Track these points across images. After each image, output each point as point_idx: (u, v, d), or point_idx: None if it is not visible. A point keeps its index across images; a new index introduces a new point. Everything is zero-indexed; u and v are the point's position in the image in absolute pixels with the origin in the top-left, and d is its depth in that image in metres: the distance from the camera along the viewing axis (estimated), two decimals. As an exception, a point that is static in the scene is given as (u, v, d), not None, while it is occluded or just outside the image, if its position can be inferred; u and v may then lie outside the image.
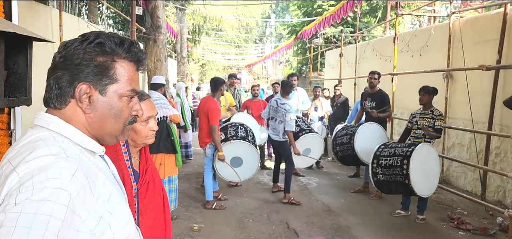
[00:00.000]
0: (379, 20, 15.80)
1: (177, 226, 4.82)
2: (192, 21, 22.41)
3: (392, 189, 5.14)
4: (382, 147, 5.26)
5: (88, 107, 0.96)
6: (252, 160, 5.70)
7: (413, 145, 4.91)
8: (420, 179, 4.81)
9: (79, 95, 0.95)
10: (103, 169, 1.01)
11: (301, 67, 23.92)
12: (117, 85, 0.98)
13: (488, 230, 4.80)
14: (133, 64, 1.02)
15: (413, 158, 4.71)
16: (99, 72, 0.95)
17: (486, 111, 5.89)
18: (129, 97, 1.02)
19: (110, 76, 0.97)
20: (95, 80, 0.95)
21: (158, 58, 10.16)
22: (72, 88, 0.95)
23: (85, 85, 0.94)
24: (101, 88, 0.96)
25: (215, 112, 5.25)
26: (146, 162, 1.81)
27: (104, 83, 0.96)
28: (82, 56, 0.94)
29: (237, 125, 6.00)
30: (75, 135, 0.95)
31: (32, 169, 0.81)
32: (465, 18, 6.90)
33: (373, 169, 5.16)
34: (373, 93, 6.29)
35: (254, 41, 39.54)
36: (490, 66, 5.14)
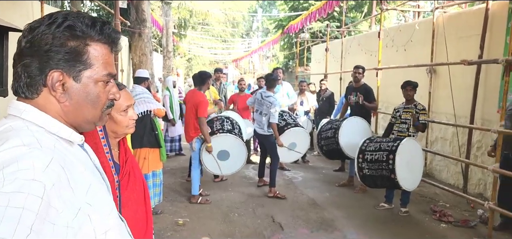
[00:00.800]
0: (365, 15, 15.90)
1: (162, 221, 4.79)
2: (178, 15, 22.23)
3: (378, 183, 5.18)
4: (368, 141, 5.28)
5: (62, 96, 0.91)
6: (238, 153, 5.68)
7: (398, 140, 4.95)
8: (406, 173, 4.86)
9: (52, 83, 0.89)
10: (82, 159, 0.96)
11: (288, 62, 23.96)
12: (92, 70, 0.92)
13: (469, 222, 4.89)
14: (107, 46, 0.96)
15: (398, 153, 4.75)
16: (71, 58, 0.89)
17: (468, 105, 5.99)
18: (105, 82, 0.96)
19: (84, 61, 0.91)
20: (67, 67, 0.89)
21: (143, 52, 10.06)
22: (43, 76, 0.88)
23: (57, 73, 0.88)
24: (74, 75, 0.90)
25: (203, 105, 5.25)
26: (126, 153, 1.78)
27: (77, 70, 0.90)
28: (51, 41, 0.87)
29: (223, 118, 5.97)
30: (50, 123, 0.90)
31: (3, 160, 0.76)
32: (448, 14, 6.98)
33: (359, 164, 5.18)
34: (357, 88, 6.33)
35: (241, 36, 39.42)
36: (472, 61, 5.22)
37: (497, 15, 5.77)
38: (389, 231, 4.69)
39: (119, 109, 1.73)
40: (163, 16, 17.16)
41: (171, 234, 4.47)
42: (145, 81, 5.33)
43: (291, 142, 6.39)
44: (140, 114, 4.80)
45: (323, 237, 4.48)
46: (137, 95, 4.93)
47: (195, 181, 5.52)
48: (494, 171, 4.48)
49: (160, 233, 4.44)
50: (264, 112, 5.87)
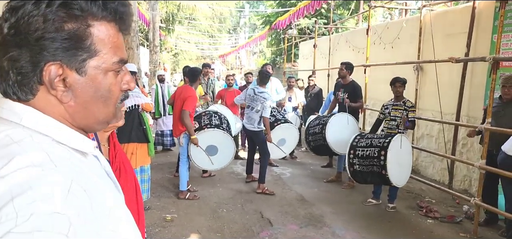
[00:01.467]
0: (352, 12, 15.98)
1: (149, 217, 4.74)
2: (165, 9, 22.01)
3: (368, 180, 5.20)
4: (359, 137, 5.30)
5: (64, 95, 0.72)
6: (227, 148, 5.65)
7: (390, 136, 4.97)
8: (396, 170, 4.90)
9: (50, 80, 0.70)
10: (96, 171, 0.77)
11: (275, 58, 23.95)
12: (99, 58, 0.73)
13: (455, 218, 4.96)
14: (113, 25, 0.76)
15: (390, 149, 4.79)
16: (71, 45, 0.70)
17: (454, 102, 6.07)
18: (116, 71, 0.77)
19: (87, 48, 0.72)
20: (67, 57, 0.70)
21: (130, 46, 9.91)
22: (38, 72, 0.69)
23: (55, 66, 0.70)
24: (78, 67, 0.71)
25: (192, 100, 5.23)
26: (115, 148, 1.74)
27: (80, 59, 0.71)
28: (43, 26, 0.67)
29: (211, 113, 5.94)
30: (58, 131, 0.72)
31: (11, 187, 0.59)
32: (435, 12, 7.05)
33: (350, 160, 5.20)
34: (345, 85, 6.35)
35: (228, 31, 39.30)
36: (459, 59, 5.28)
37: (483, 14, 5.85)
38: (376, 226, 4.72)
39: None
40: (150, 10, 16.98)
41: (159, 230, 4.42)
42: (133, 75, 5.25)
43: (280, 138, 6.40)
44: (128, 108, 4.73)
45: (312, 232, 4.49)
46: (124, 90, 4.86)
47: (183, 176, 5.48)
48: (480, 167, 4.54)
49: (148, 229, 4.40)
50: (257, 108, 5.83)
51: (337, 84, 6.75)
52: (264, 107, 5.77)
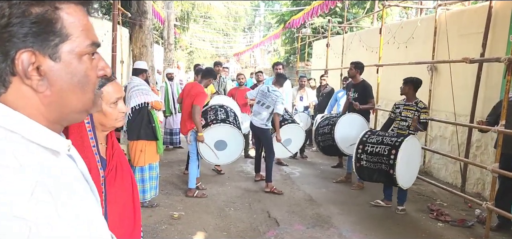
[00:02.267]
0: (367, 11, 15.80)
1: (157, 214, 4.77)
2: (180, 7, 22.13)
3: (373, 177, 5.11)
4: (369, 133, 5.22)
5: (40, 84, 0.68)
6: (235, 141, 5.65)
7: (402, 136, 4.88)
8: (404, 171, 4.82)
9: (23, 69, 0.66)
10: (68, 172, 0.74)
11: (289, 57, 23.88)
12: (71, 42, 0.70)
13: (466, 222, 4.85)
14: (81, 8, 0.73)
15: (402, 149, 4.70)
16: (41, 29, 0.66)
17: (468, 104, 5.93)
18: (90, 55, 0.74)
19: (58, 31, 0.68)
20: (39, 43, 0.66)
21: (144, 44, 10.01)
22: (9, 61, 0.65)
23: (27, 53, 0.65)
24: (51, 52, 0.68)
25: (202, 96, 5.25)
26: (113, 147, 1.73)
27: (53, 44, 0.68)
28: (9, 11, 0.64)
29: (217, 107, 5.89)
30: (28, 128, 0.68)
31: None
32: (450, 11, 6.91)
33: (358, 154, 5.12)
34: (356, 84, 6.26)
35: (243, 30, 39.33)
36: (474, 59, 5.15)
37: (500, 14, 5.70)
38: (385, 229, 4.65)
39: (108, 101, 1.67)
40: (165, 8, 17.10)
41: (166, 227, 4.44)
42: (143, 73, 5.30)
43: (287, 137, 6.36)
44: (138, 106, 4.78)
45: (318, 233, 4.45)
46: (134, 87, 4.90)
47: (193, 174, 5.49)
48: (493, 171, 4.44)
49: (155, 226, 4.42)
50: (267, 104, 5.83)
51: (348, 85, 6.68)
52: (275, 103, 5.73)
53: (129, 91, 4.84)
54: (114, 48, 6.57)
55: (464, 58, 5.15)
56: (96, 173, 1.62)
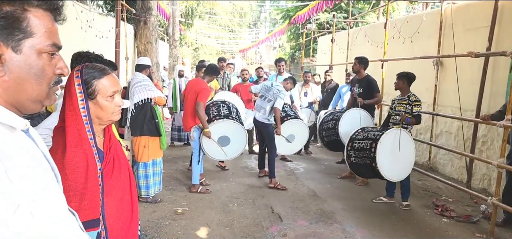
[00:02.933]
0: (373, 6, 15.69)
1: (160, 209, 4.78)
2: (184, 3, 22.13)
3: (363, 172, 5.23)
4: (359, 130, 5.30)
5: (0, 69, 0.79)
6: (239, 136, 5.61)
7: (385, 129, 4.92)
8: (388, 163, 4.80)
9: None
10: (26, 147, 0.84)
11: (294, 52, 23.80)
12: (34, 39, 0.82)
13: (471, 218, 4.81)
14: (49, 14, 0.86)
15: (381, 142, 4.73)
16: (9, 24, 0.78)
17: (474, 99, 5.87)
18: (49, 54, 0.86)
19: (23, 29, 0.80)
20: (4, 35, 0.78)
21: (149, 41, 10.05)
22: None
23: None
24: (14, 45, 0.80)
25: (205, 92, 5.24)
26: (110, 140, 1.73)
27: (17, 38, 0.80)
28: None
29: (219, 103, 5.88)
30: None
31: None
32: (456, 5, 6.84)
33: (348, 151, 5.23)
34: (360, 79, 6.23)
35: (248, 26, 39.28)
36: (479, 53, 5.09)
37: (507, 7, 5.63)
38: (389, 224, 4.63)
39: (105, 95, 1.67)
40: (169, 5, 17.10)
41: (170, 222, 4.45)
42: (146, 69, 5.29)
43: (289, 133, 6.31)
44: (141, 102, 4.78)
45: (322, 229, 4.43)
46: (137, 83, 4.90)
47: (195, 170, 5.50)
48: (498, 166, 4.39)
49: (159, 222, 4.43)
50: (270, 98, 5.84)
51: (352, 80, 6.65)
52: (276, 97, 5.74)
53: (132, 87, 4.85)
54: (117, 44, 6.58)
55: (470, 52, 5.10)
56: (94, 165, 1.61)
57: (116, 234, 1.64)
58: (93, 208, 1.53)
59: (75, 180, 1.50)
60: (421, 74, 6.64)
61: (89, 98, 1.59)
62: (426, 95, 7.02)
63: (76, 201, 1.48)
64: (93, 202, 1.53)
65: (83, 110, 1.57)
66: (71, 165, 1.50)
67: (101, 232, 1.55)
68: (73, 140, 1.55)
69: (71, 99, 1.56)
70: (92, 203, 1.53)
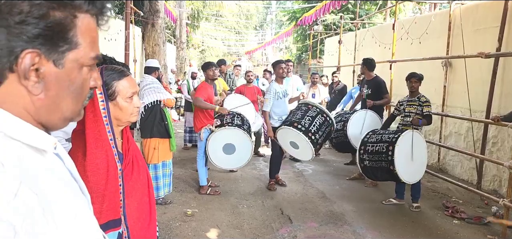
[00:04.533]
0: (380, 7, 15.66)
1: (170, 211, 4.80)
2: (191, 5, 22.23)
3: (378, 175, 5.17)
4: (370, 133, 5.28)
5: (36, 86, 0.66)
6: (245, 149, 5.49)
7: (400, 132, 4.90)
8: (405, 166, 4.79)
9: (24, 69, 0.63)
10: (56, 171, 0.71)
11: (301, 54, 23.80)
12: (78, 51, 0.69)
13: (483, 219, 4.78)
14: (94, 20, 0.73)
15: (398, 144, 4.71)
16: (54, 34, 0.65)
17: (484, 99, 5.84)
18: (90, 67, 0.74)
19: (69, 39, 0.67)
20: (47, 47, 0.65)
21: (156, 43, 10.10)
22: (13, 58, 0.63)
23: (33, 54, 0.64)
24: (56, 58, 0.66)
25: (201, 89, 5.35)
26: (128, 141, 1.75)
27: (60, 50, 0.66)
28: (28, 9, 0.62)
29: (235, 114, 5.78)
30: (11, 124, 0.64)
31: None
32: (465, 6, 6.81)
33: (360, 155, 5.18)
34: (369, 81, 6.22)
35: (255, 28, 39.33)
36: (489, 54, 5.07)
37: (516, 7, 5.59)
38: (399, 226, 4.61)
39: (125, 96, 1.68)
40: (177, 7, 17.20)
41: (180, 224, 4.47)
42: (155, 71, 5.33)
43: (291, 140, 5.57)
44: (150, 104, 4.81)
45: (332, 230, 4.43)
46: (146, 85, 4.94)
47: (201, 172, 5.50)
48: (510, 167, 4.36)
49: (169, 223, 4.45)
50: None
51: (362, 81, 6.66)
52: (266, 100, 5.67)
53: (142, 90, 4.88)
54: (127, 47, 6.63)
55: (479, 53, 5.07)
56: (114, 166, 1.63)
57: (136, 234, 1.66)
58: (114, 208, 1.54)
59: (97, 182, 1.51)
60: (430, 75, 6.62)
61: (109, 99, 1.60)
62: (435, 96, 6.99)
63: (98, 203, 1.49)
64: (114, 203, 1.55)
65: (104, 112, 1.58)
66: (92, 167, 1.52)
67: (123, 232, 1.57)
68: (93, 142, 1.57)
69: (91, 101, 1.57)
70: (113, 203, 1.54)
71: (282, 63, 5.86)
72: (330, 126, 5.49)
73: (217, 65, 5.91)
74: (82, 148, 1.56)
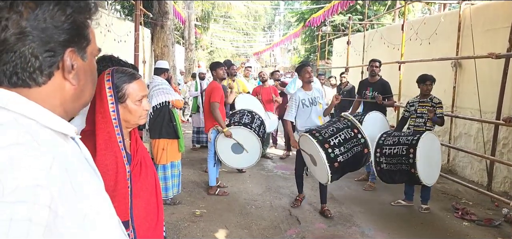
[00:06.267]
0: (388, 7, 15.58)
1: (179, 211, 4.83)
2: (200, 7, 22.31)
3: (396, 179, 5.01)
4: (385, 135, 5.14)
5: (74, 78, 0.80)
6: (252, 148, 5.44)
7: (418, 134, 4.81)
8: (425, 168, 4.72)
9: (68, 64, 0.78)
10: (77, 155, 0.83)
11: (309, 55, 23.75)
12: (92, 45, 0.85)
13: (493, 221, 4.73)
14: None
15: (419, 147, 4.61)
16: (80, 33, 0.80)
17: (494, 100, 5.78)
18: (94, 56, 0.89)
19: (87, 36, 0.83)
20: (78, 44, 0.80)
21: (165, 44, 10.15)
22: (60, 57, 0.76)
23: (72, 51, 0.79)
24: (82, 52, 0.82)
25: (215, 91, 5.28)
26: (136, 142, 1.78)
27: (84, 46, 0.82)
28: (65, 18, 0.77)
29: (245, 112, 5.78)
30: (41, 114, 0.76)
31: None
32: (475, 6, 6.75)
33: (376, 158, 5.05)
34: (373, 82, 6.10)
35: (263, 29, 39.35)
36: (500, 54, 5.02)
37: (527, 7, 5.53)
38: (408, 227, 4.59)
39: (134, 99, 1.70)
40: (185, 9, 17.27)
41: (188, 224, 4.49)
42: (165, 72, 5.36)
43: (311, 153, 4.70)
44: (159, 105, 4.85)
45: (340, 232, 4.42)
46: (156, 86, 4.97)
47: (211, 172, 5.53)
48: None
49: (178, 224, 4.48)
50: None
51: (363, 82, 6.44)
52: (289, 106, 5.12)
53: (151, 91, 4.92)
54: (136, 48, 6.68)
55: (490, 53, 5.03)
56: (123, 167, 1.65)
57: (143, 235, 1.68)
58: (123, 210, 1.56)
59: (106, 183, 1.52)
60: (440, 76, 6.56)
61: (118, 102, 1.62)
62: (444, 97, 6.93)
63: (107, 204, 1.51)
64: (123, 205, 1.57)
65: (113, 114, 1.61)
66: (102, 168, 1.53)
67: (130, 234, 1.59)
68: (103, 143, 1.59)
69: (101, 102, 1.59)
70: (122, 205, 1.56)
71: (308, 66, 5.13)
72: (360, 146, 4.49)
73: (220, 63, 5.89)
74: (92, 149, 1.57)
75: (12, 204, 0.61)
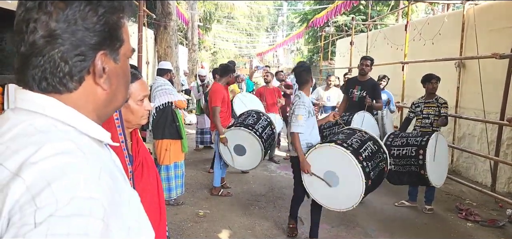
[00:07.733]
0: (392, 8, 15.55)
1: (182, 212, 4.84)
2: (203, 8, 22.35)
3: (404, 180, 4.91)
4: (392, 136, 5.07)
5: (106, 82, 0.75)
6: (254, 150, 5.26)
7: (427, 135, 4.76)
8: (434, 169, 4.69)
9: (99, 69, 0.73)
10: (112, 160, 0.82)
11: (312, 56, 23.74)
12: (125, 46, 0.79)
13: (497, 222, 4.71)
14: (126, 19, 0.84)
15: (429, 148, 4.56)
16: (112, 35, 0.75)
17: (498, 101, 5.75)
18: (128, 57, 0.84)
19: (120, 37, 0.77)
20: (110, 47, 0.75)
21: (168, 45, 10.18)
22: (90, 61, 0.72)
23: (103, 54, 0.74)
24: (114, 55, 0.76)
25: (215, 94, 5.24)
26: (138, 143, 1.78)
27: (116, 48, 0.77)
28: (97, 18, 0.73)
29: (251, 112, 5.64)
30: (79, 120, 0.72)
31: (45, 173, 0.60)
32: (479, 6, 6.73)
33: None
34: (363, 82, 5.74)
35: (266, 30, 39.35)
36: (504, 55, 5.00)
37: (531, 7, 5.51)
38: (412, 228, 4.58)
39: (136, 99, 1.72)
40: (188, 9, 17.30)
41: (192, 225, 4.50)
42: (168, 73, 5.37)
43: (328, 169, 3.80)
44: (162, 105, 4.86)
45: (344, 232, 4.41)
46: (158, 87, 4.99)
47: (217, 173, 5.53)
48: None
49: (181, 224, 4.49)
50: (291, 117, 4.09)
51: (350, 81, 6.07)
52: (293, 116, 3.98)
53: (154, 91, 4.93)
54: (140, 49, 6.71)
55: (494, 53, 5.02)
56: (125, 168, 1.66)
57: (145, 235, 1.68)
58: None
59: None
60: (443, 76, 6.53)
61: None
62: (448, 97, 6.88)
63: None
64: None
65: (115, 114, 1.61)
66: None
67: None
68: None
69: None
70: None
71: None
72: (384, 162, 3.89)
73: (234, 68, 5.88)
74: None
75: (68, 218, 0.58)
